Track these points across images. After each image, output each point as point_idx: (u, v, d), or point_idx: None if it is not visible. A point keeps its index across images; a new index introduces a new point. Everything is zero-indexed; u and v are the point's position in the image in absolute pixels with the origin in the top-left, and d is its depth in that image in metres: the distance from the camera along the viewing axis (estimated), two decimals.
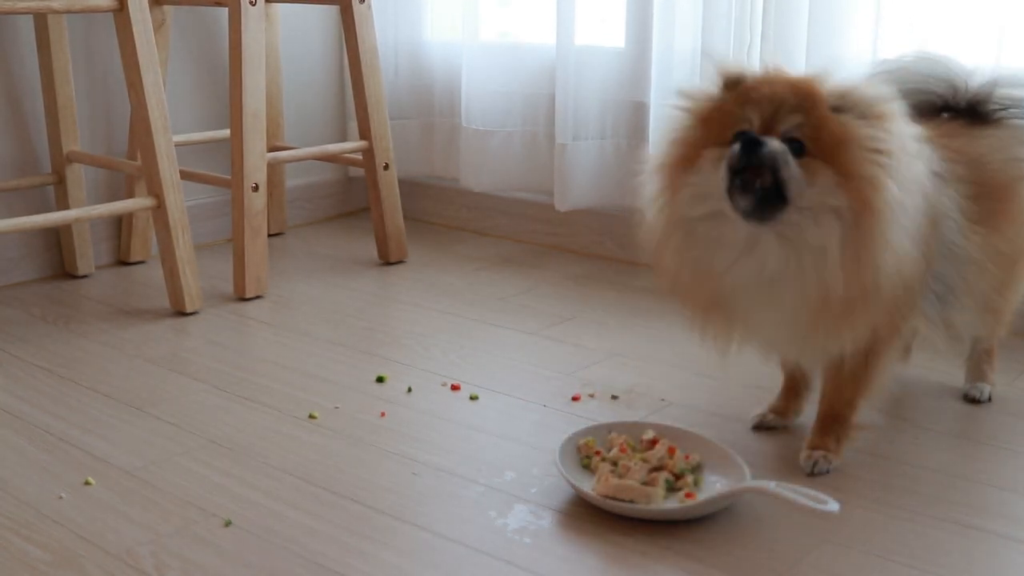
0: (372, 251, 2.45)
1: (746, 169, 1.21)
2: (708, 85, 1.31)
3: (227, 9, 2.06)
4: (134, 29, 1.90)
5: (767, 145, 1.20)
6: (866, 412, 1.42)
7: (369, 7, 2.26)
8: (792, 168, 1.20)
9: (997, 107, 1.45)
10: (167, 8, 2.27)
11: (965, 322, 1.48)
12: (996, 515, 1.29)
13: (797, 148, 1.21)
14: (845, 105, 1.22)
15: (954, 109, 1.46)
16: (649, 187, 1.33)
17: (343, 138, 2.80)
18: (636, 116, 2.28)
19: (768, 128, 1.22)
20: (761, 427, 1.52)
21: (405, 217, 2.58)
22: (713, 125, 1.27)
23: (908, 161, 1.24)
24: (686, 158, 1.28)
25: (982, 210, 1.37)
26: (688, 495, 1.29)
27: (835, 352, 1.34)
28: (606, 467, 1.34)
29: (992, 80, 1.46)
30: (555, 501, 1.32)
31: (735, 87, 1.27)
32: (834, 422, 1.40)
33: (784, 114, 1.22)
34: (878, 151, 1.21)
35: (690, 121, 1.30)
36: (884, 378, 1.40)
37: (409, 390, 1.67)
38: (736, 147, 1.21)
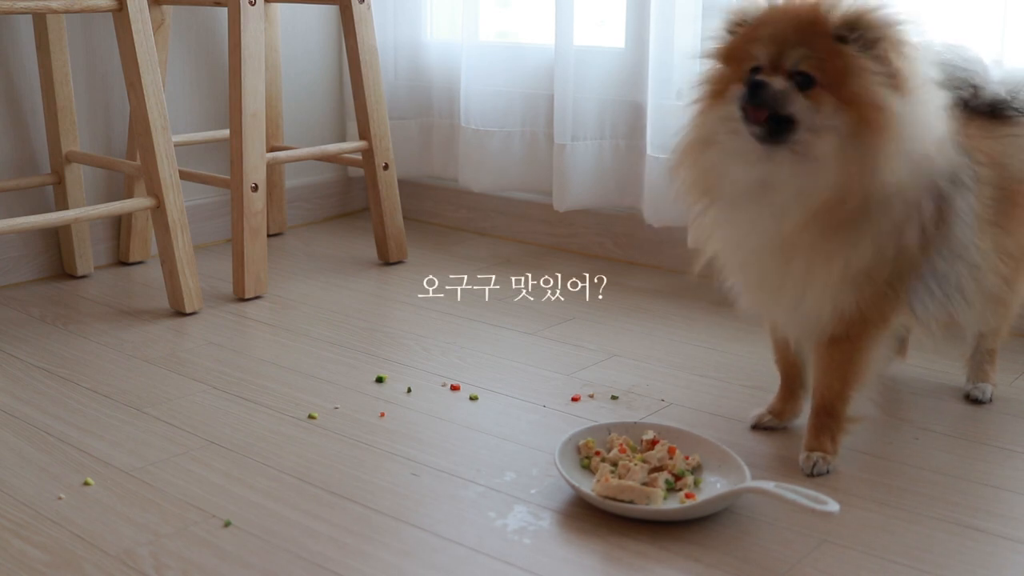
0: (372, 251, 2.45)
1: (750, 106, 1.29)
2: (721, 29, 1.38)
3: (227, 9, 2.06)
4: (133, 29, 1.90)
5: (769, 87, 1.27)
6: (859, 404, 1.42)
7: (369, 7, 2.25)
8: (798, 102, 1.27)
9: (1017, 110, 1.46)
10: (166, 8, 2.27)
11: (970, 318, 1.48)
12: (996, 515, 1.29)
13: (805, 81, 1.27)
14: (851, 34, 1.26)
15: (973, 108, 1.46)
16: (684, 118, 1.41)
17: (343, 138, 2.81)
18: (635, 116, 2.28)
19: (776, 64, 1.28)
20: (759, 428, 1.52)
21: (405, 217, 2.58)
22: (734, 62, 1.34)
23: (920, 85, 1.27)
24: (716, 93, 1.36)
25: (1000, 210, 1.39)
26: (688, 495, 1.29)
27: (810, 285, 1.33)
28: (606, 468, 1.34)
29: (1016, 85, 1.47)
30: (555, 502, 1.32)
31: (743, 26, 1.33)
32: (827, 417, 1.40)
33: (788, 50, 1.27)
34: (883, 75, 1.25)
35: (717, 59, 1.37)
36: (873, 366, 1.40)
37: (409, 390, 1.67)
38: (743, 88, 1.29)
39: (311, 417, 1.57)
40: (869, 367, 1.40)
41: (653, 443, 1.40)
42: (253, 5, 2.03)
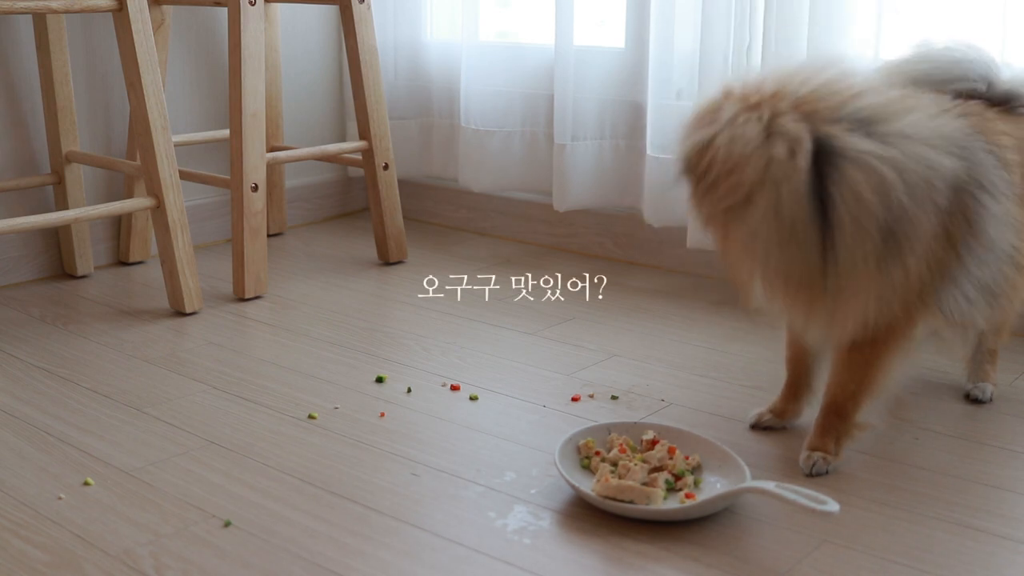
0: (372, 251, 2.45)
1: None
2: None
3: (227, 9, 2.06)
4: (133, 29, 1.90)
5: None
6: (867, 412, 1.42)
7: (369, 7, 2.26)
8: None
9: None
10: (167, 8, 2.27)
11: (987, 313, 1.47)
12: (996, 515, 1.29)
13: None
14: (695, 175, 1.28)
15: (988, 99, 1.46)
16: None
17: (343, 138, 2.81)
18: (635, 116, 2.28)
19: None
20: (758, 427, 1.52)
21: (405, 217, 2.58)
22: None
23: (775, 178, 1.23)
24: None
25: None
26: (688, 495, 1.29)
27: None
28: (606, 468, 1.34)
29: None
30: (555, 502, 1.32)
31: None
32: (836, 418, 1.40)
33: None
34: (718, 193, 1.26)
35: None
36: (891, 372, 1.39)
37: (409, 390, 1.67)
38: None
39: (311, 417, 1.57)
40: (888, 372, 1.38)
41: (653, 443, 1.40)
42: (253, 5, 2.03)
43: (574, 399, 1.64)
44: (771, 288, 1.29)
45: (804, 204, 1.20)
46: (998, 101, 1.46)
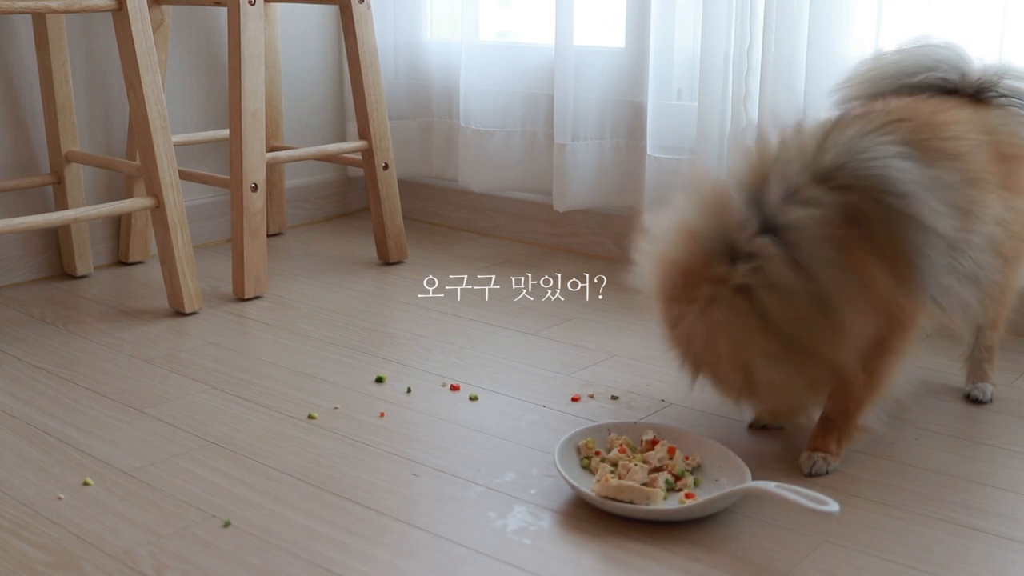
0: (372, 251, 2.45)
1: None
2: None
3: (227, 9, 2.06)
4: (133, 29, 1.90)
5: None
6: (870, 415, 1.41)
7: (368, 7, 2.26)
8: None
9: (1001, 95, 1.49)
10: (166, 8, 2.27)
11: (977, 304, 1.47)
12: (996, 515, 1.29)
13: None
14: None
15: (961, 93, 1.49)
16: None
17: (342, 138, 2.81)
18: (635, 116, 2.28)
19: None
20: (756, 426, 1.52)
21: (404, 217, 2.58)
22: None
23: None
24: None
25: (1006, 173, 1.41)
26: (688, 495, 1.29)
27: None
28: (606, 468, 1.34)
29: (1000, 70, 1.51)
30: (555, 502, 1.32)
31: None
32: (840, 419, 1.40)
33: None
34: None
35: None
36: (895, 373, 1.38)
37: (409, 390, 1.67)
38: None
39: (311, 417, 1.57)
40: (893, 373, 1.38)
41: (653, 443, 1.40)
42: (253, 5, 2.03)
43: (574, 399, 1.64)
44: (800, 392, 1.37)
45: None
46: (971, 92, 1.49)
